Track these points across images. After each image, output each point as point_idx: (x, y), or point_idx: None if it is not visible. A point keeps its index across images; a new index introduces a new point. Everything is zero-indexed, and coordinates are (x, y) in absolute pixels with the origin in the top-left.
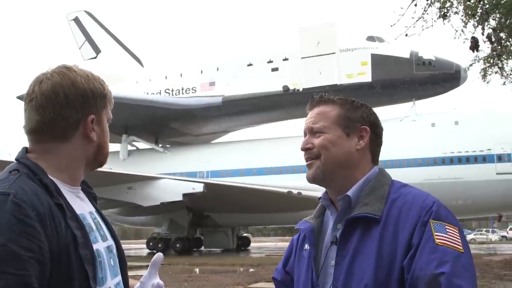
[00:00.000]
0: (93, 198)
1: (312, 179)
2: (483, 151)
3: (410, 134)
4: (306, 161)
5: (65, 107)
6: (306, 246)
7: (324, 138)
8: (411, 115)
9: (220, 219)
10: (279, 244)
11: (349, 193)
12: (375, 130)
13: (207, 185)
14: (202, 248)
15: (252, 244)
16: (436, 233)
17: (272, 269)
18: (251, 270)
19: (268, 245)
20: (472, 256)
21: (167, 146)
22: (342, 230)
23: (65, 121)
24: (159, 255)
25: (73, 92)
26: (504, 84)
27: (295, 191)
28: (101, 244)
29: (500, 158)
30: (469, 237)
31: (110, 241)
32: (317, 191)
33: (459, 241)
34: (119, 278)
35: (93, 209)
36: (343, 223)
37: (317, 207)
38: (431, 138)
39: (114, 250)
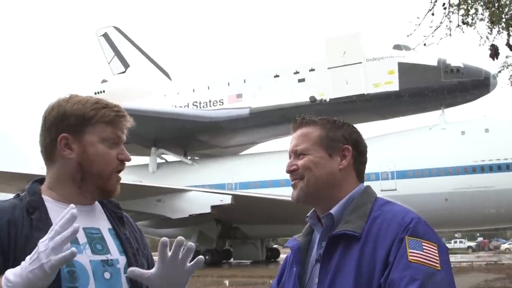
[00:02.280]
0: (118, 218)
1: (296, 200)
2: None
3: (439, 142)
4: (291, 182)
5: (45, 130)
6: (294, 264)
7: (307, 160)
8: (440, 123)
9: (249, 231)
10: None
11: (332, 211)
12: (358, 148)
13: (235, 197)
14: (232, 260)
15: (281, 256)
16: (410, 250)
17: None
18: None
19: None
20: (451, 273)
21: (196, 158)
22: (325, 248)
23: (46, 142)
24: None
25: (51, 115)
26: None
27: None
28: (86, 257)
29: None
30: (504, 246)
31: (114, 256)
32: None
33: (436, 258)
34: None
35: (101, 226)
36: (326, 240)
37: (306, 225)
38: (461, 146)
39: (119, 265)
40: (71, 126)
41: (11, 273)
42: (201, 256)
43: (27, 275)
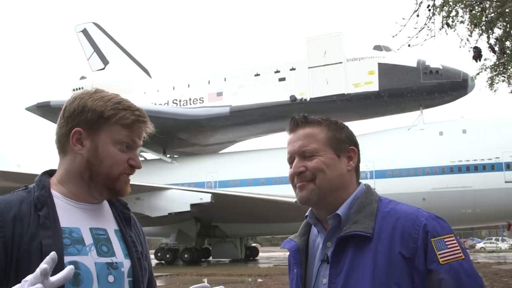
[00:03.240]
0: (125, 218)
1: (305, 201)
2: (491, 159)
3: (418, 142)
4: (297, 183)
5: (62, 120)
6: (294, 265)
7: (319, 161)
8: (418, 123)
9: (228, 229)
10: (287, 254)
11: (339, 211)
12: (358, 150)
13: (215, 195)
14: (210, 258)
15: (260, 254)
16: (439, 253)
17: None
18: (259, 280)
19: (276, 255)
20: (469, 256)
21: (175, 156)
22: (334, 249)
23: (61, 133)
24: None
25: (71, 106)
26: (511, 92)
27: None
28: (91, 259)
29: (508, 166)
30: (479, 245)
31: (119, 259)
32: None
33: (458, 248)
34: None
35: (108, 227)
36: (334, 241)
37: (302, 225)
38: (439, 146)
39: (123, 269)
40: (87, 122)
41: None
42: None
43: None
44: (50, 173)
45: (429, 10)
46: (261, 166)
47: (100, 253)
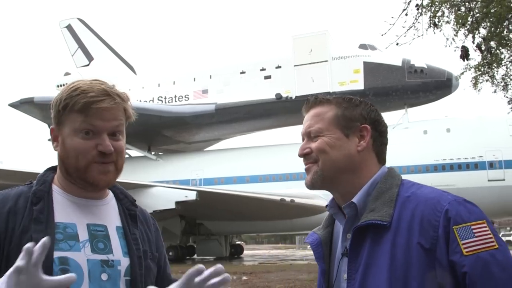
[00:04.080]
0: (131, 215)
1: (310, 185)
2: (474, 158)
3: (402, 141)
4: (304, 166)
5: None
6: (317, 260)
7: (321, 141)
8: (403, 122)
9: (213, 227)
10: (272, 252)
11: (355, 199)
12: (377, 128)
13: (200, 193)
14: (195, 256)
15: (245, 252)
16: (462, 242)
17: (265, 277)
18: (244, 278)
19: (261, 253)
20: (505, 243)
21: (160, 153)
22: (351, 241)
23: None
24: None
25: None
26: (495, 92)
27: (288, 199)
28: (83, 255)
29: (491, 165)
30: None
31: (116, 257)
32: (311, 198)
33: (490, 236)
34: None
35: (109, 223)
36: (352, 232)
37: (326, 216)
38: (423, 145)
39: (120, 267)
40: (54, 117)
41: None
42: (227, 275)
43: None
44: (55, 169)
45: (417, 9)
46: (246, 164)
47: (95, 250)
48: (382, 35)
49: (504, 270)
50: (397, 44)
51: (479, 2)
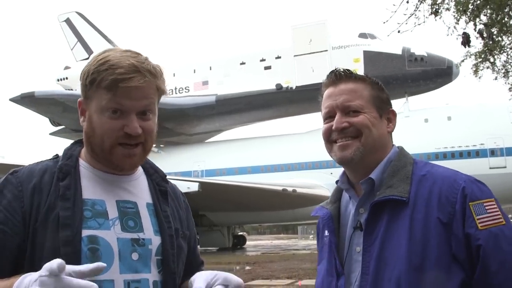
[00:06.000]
0: (162, 192)
1: (350, 161)
2: (476, 145)
3: (403, 130)
4: (338, 141)
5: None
6: (326, 233)
7: (365, 118)
8: (404, 111)
9: (216, 218)
10: (274, 242)
11: (373, 175)
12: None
13: (202, 184)
14: (198, 247)
15: (247, 243)
16: (477, 217)
17: (269, 266)
18: (247, 268)
19: (263, 243)
20: (511, 223)
21: (161, 146)
22: (368, 215)
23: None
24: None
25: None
26: (495, 79)
27: (290, 189)
28: (113, 234)
29: (493, 153)
30: None
31: (147, 236)
32: (312, 188)
33: (498, 213)
34: (143, 275)
35: (139, 200)
36: (368, 207)
37: (333, 191)
38: (424, 133)
39: (151, 246)
40: (82, 91)
41: (22, 286)
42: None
43: None
44: (83, 142)
45: None
46: (247, 154)
47: (125, 228)
48: (384, 22)
49: (510, 244)
50: (398, 31)
51: None
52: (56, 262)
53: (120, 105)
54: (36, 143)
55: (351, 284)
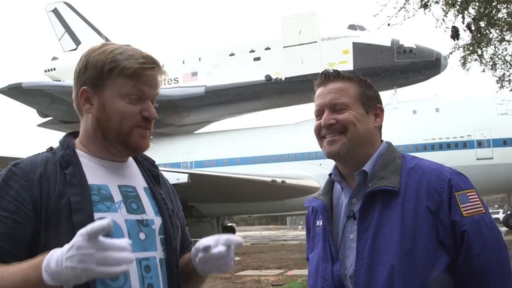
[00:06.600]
0: (154, 176)
1: (336, 154)
2: (463, 137)
3: (392, 121)
4: (327, 137)
5: (74, 81)
6: (319, 223)
7: (350, 114)
8: (392, 102)
9: (205, 209)
10: (263, 233)
11: (366, 168)
12: (383, 110)
13: (191, 176)
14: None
15: (237, 234)
16: (462, 206)
17: (259, 257)
18: (237, 258)
19: (253, 234)
20: (489, 211)
21: (150, 137)
22: (362, 204)
23: (74, 95)
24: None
25: (77, 66)
26: (483, 71)
27: (279, 180)
28: (121, 216)
29: (480, 144)
30: None
31: (150, 217)
32: (302, 179)
33: (479, 203)
34: (151, 253)
35: (136, 184)
36: (361, 197)
37: (325, 183)
38: (413, 125)
39: (154, 226)
40: (91, 79)
41: (53, 259)
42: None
43: (62, 270)
44: (75, 134)
45: None
46: (237, 145)
47: (130, 211)
48: (374, 16)
49: (490, 230)
50: (388, 24)
51: None
52: (101, 222)
53: (141, 92)
54: (23, 134)
55: (346, 268)
